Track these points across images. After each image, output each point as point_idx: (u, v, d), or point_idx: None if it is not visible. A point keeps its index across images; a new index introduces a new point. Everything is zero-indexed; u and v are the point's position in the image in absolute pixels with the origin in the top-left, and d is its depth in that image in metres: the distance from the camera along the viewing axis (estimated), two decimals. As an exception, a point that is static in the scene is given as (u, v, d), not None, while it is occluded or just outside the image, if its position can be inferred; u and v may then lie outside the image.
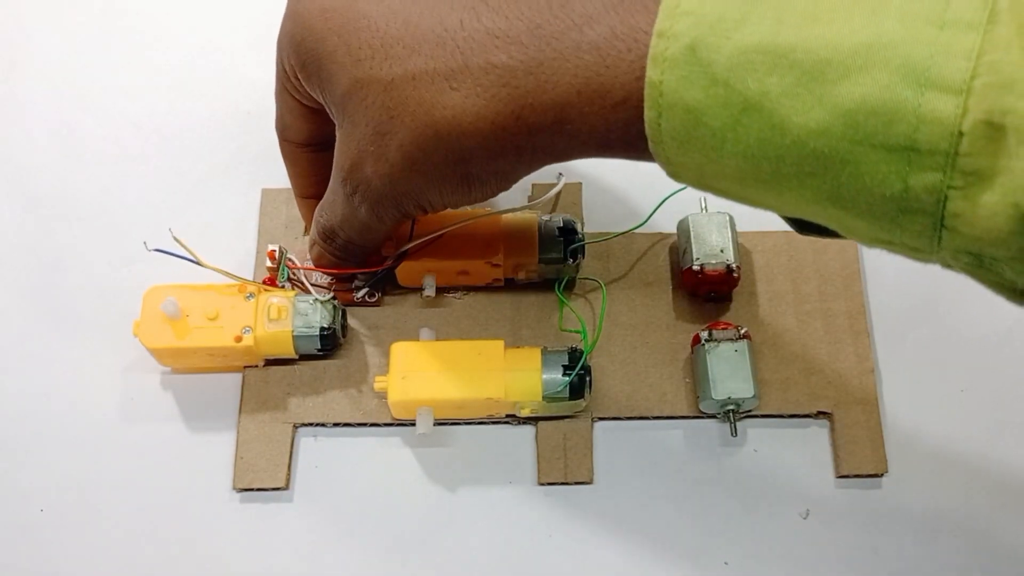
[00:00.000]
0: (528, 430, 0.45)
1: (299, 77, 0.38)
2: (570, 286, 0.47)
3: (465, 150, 0.34)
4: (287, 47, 0.37)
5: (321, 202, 0.41)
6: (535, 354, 0.43)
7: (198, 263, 0.43)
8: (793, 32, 0.27)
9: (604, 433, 0.45)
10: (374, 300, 0.46)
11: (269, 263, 0.45)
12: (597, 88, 0.31)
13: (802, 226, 0.33)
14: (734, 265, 0.45)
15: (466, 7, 0.33)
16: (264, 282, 0.45)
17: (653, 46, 0.29)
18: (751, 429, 0.45)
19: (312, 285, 0.45)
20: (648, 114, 0.30)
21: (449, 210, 0.46)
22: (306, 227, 0.46)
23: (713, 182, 0.31)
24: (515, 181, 0.36)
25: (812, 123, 0.27)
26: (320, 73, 0.36)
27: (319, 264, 0.44)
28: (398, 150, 0.34)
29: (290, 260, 0.46)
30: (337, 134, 0.37)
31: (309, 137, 0.42)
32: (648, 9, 0.30)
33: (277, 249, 0.45)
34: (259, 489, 0.44)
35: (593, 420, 0.45)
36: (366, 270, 0.44)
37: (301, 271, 0.45)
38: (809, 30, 0.27)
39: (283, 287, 0.45)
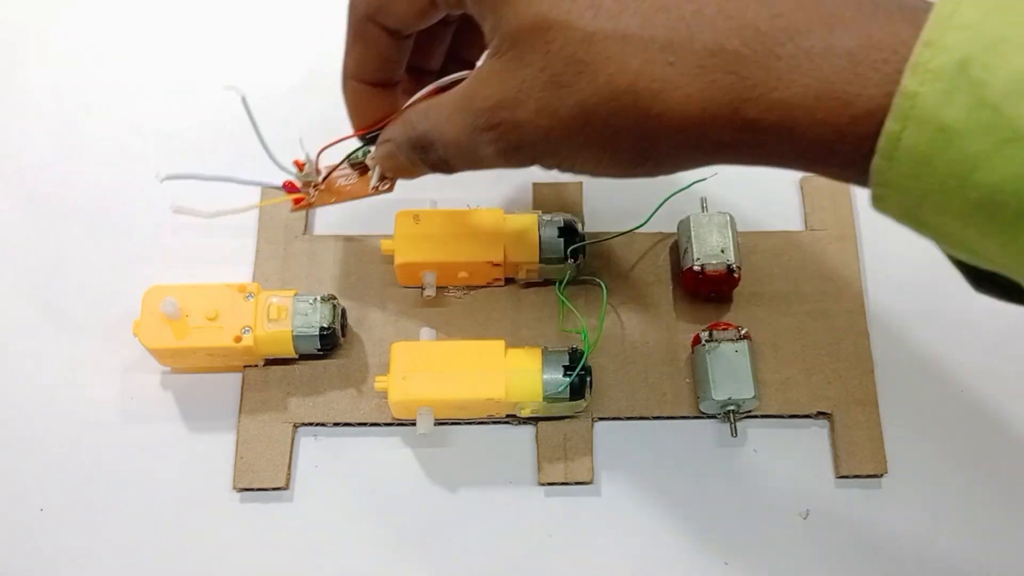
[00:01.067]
0: (528, 430, 0.45)
1: None
2: (570, 286, 0.47)
3: (660, 130, 0.30)
4: None
5: (425, 106, 0.37)
6: (535, 354, 0.43)
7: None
8: None
9: (604, 433, 0.45)
10: (387, 187, 0.43)
11: (296, 171, 0.43)
12: (841, 96, 0.28)
13: (980, 280, 0.30)
14: (734, 265, 0.45)
15: None
16: (285, 187, 0.43)
17: (917, 54, 0.26)
18: (751, 429, 0.45)
19: (340, 175, 0.43)
20: (889, 126, 0.27)
21: (451, 208, 0.46)
22: (349, 112, 0.41)
23: (929, 216, 0.28)
24: (686, 170, 0.33)
25: None
26: None
27: (387, 162, 0.40)
28: (575, 107, 0.31)
29: (318, 168, 0.43)
30: (489, 58, 0.33)
31: (409, 26, 0.37)
32: (910, 20, 0.27)
33: (305, 156, 0.42)
34: (259, 489, 0.44)
35: (593, 420, 0.45)
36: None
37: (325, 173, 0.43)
38: None
39: (308, 194, 0.43)
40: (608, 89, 0.30)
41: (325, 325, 0.43)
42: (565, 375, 0.42)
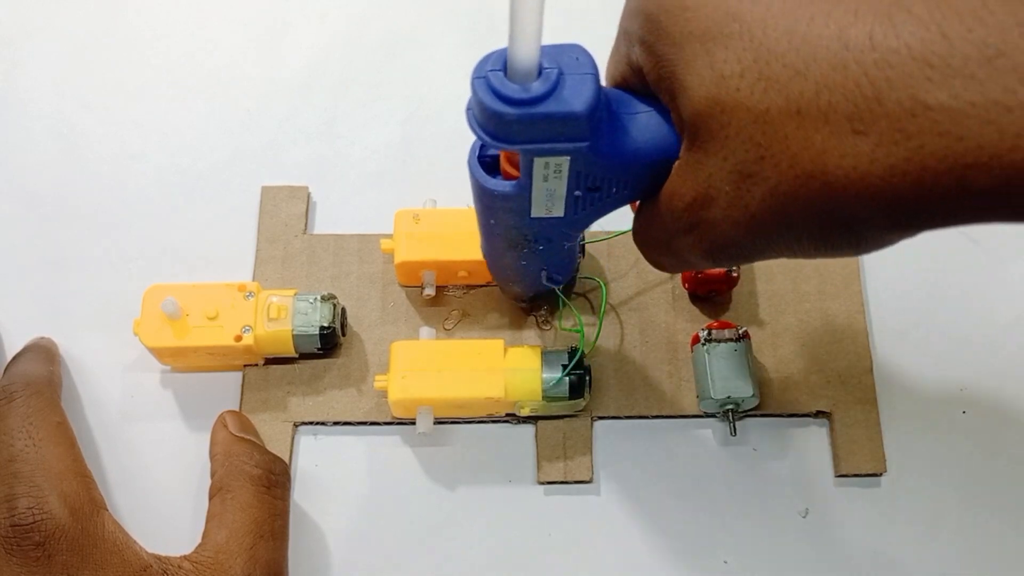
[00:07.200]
0: (528, 429, 0.45)
1: (644, 76, 0.31)
2: (570, 285, 0.47)
3: (865, 212, 0.26)
4: (636, 43, 0.30)
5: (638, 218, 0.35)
6: (535, 353, 0.43)
7: None
8: None
9: (604, 432, 0.45)
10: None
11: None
12: None
13: None
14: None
15: (877, 14, 0.24)
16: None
17: None
18: (751, 429, 0.45)
19: None
20: None
21: (451, 208, 0.46)
22: None
23: None
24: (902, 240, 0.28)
25: None
26: (673, 82, 0.29)
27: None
28: (766, 199, 0.27)
29: None
30: (683, 154, 0.30)
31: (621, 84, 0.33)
32: None
33: None
34: (259, 488, 0.44)
35: (593, 419, 0.45)
36: None
37: None
38: None
39: None
40: (793, 174, 0.26)
41: (325, 324, 0.43)
42: (564, 374, 0.42)
